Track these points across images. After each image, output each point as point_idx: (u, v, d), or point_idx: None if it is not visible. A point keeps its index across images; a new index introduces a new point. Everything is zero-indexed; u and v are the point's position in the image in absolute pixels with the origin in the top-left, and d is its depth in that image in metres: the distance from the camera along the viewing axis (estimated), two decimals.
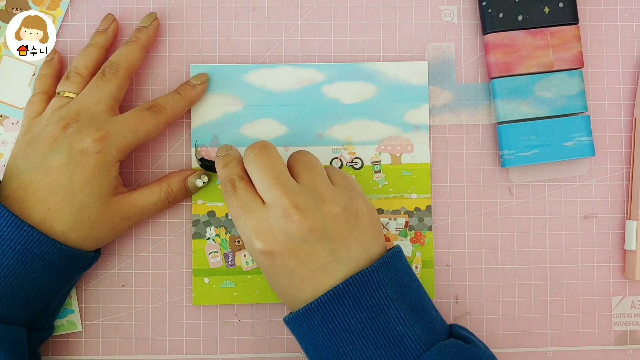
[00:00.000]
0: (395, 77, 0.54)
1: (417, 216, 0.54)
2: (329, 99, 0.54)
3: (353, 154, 0.54)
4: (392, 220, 0.54)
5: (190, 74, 0.53)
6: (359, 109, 0.54)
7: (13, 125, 0.53)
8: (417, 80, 0.54)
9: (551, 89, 0.53)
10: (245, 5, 0.55)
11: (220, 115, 0.53)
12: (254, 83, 0.53)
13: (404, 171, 0.54)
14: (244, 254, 0.53)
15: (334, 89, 0.54)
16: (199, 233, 0.53)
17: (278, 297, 0.51)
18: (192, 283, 0.53)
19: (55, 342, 0.53)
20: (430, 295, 0.53)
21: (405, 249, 0.53)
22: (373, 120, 0.54)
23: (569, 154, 0.53)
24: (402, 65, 0.54)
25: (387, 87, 0.54)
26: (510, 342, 0.54)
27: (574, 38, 0.53)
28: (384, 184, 0.54)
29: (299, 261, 0.44)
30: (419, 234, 0.54)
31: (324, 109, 0.53)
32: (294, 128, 0.53)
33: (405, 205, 0.54)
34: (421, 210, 0.54)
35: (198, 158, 0.52)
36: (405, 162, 0.54)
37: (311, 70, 0.54)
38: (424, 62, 0.54)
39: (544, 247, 0.54)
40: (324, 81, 0.54)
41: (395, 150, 0.54)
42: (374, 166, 0.54)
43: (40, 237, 0.45)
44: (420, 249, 0.53)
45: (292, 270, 0.44)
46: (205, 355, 0.53)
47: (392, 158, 0.54)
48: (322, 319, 0.43)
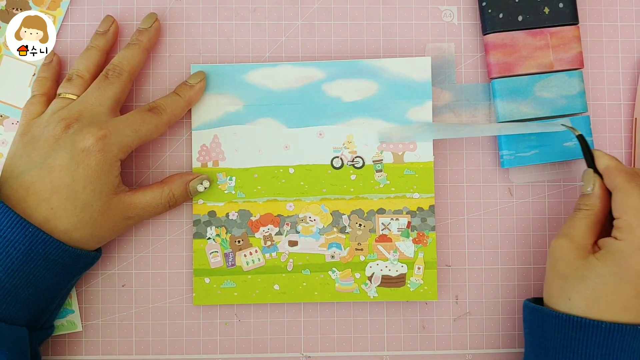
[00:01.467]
0: (397, 74, 0.53)
1: (419, 216, 0.53)
2: (329, 97, 0.53)
3: (354, 152, 0.54)
4: (394, 221, 0.53)
5: (191, 74, 0.53)
6: (360, 106, 0.53)
7: (13, 125, 0.53)
8: (420, 77, 0.53)
9: (551, 90, 0.53)
10: (245, 5, 0.55)
11: (220, 114, 0.53)
12: (254, 82, 0.53)
13: (407, 170, 0.53)
14: (244, 254, 0.53)
15: (335, 86, 0.53)
16: (199, 233, 0.53)
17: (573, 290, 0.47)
18: (193, 283, 0.53)
19: (55, 342, 0.53)
20: (434, 296, 0.53)
21: (408, 249, 0.53)
22: (375, 118, 0.53)
23: (568, 155, 0.53)
24: (404, 62, 0.53)
25: (388, 84, 0.53)
26: (510, 342, 0.54)
27: (574, 38, 0.53)
28: (385, 184, 0.54)
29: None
30: (421, 234, 0.53)
31: (325, 107, 0.53)
32: (294, 127, 0.53)
33: (407, 205, 0.53)
34: (424, 210, 0.53)
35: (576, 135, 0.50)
36: (408, 160, 0.53)
37: (311, 68, 0.54)
38: (427, 57, 0.53)
39: (544, 247, 0.54)
40: (324, 79, 0.54)
41: (397, 148, 0.54)
42: (375, 165, 0.54)
43: (45, 237, 0.45)
44: (423, 249, 0.53)
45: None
46: (205, 355, 0.53)
47: (394, 157, 0.54)
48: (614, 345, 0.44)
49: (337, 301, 0.53)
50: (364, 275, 0.53)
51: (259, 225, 0.53)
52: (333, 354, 0.54)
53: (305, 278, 0.53)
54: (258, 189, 0.53)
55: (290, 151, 0.53)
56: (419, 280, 0.53)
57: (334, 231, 0.53)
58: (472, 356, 0.54)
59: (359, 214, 0.53)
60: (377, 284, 0.53)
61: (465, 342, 0.54)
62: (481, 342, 0.54)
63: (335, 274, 0.53)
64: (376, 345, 0.54)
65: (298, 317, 0.54)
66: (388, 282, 0.53)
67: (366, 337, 0.54)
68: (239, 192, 0.53)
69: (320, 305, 0.54)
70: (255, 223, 0.53)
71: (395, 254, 0.53)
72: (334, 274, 0.53)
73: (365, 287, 0.53)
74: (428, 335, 0.54)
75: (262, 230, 0.53)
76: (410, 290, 0.53)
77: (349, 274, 0.53)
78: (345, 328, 0.54)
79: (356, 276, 0.53)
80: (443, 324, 0.54)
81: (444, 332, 0.54)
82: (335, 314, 0.54)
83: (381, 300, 0.53)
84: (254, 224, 0.53)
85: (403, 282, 0.53)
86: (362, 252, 0.53)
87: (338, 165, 0.53)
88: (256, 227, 0.53)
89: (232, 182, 0.53)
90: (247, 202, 0.53)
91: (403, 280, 0.53)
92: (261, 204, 0.53)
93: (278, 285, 0.53)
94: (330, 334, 0.54)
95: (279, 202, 0.53)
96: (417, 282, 0.53)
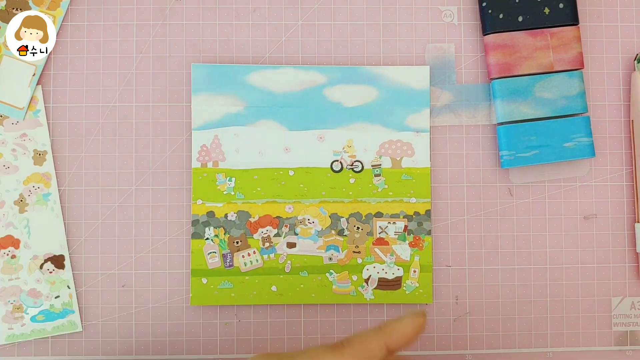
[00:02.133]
0: (397, 81, 0.54)
1: (416, 220, 0.54)
2: (330, 102, 0.54)
3: (353, 157, 0.54)
4: (391, 224, 0.54)
5: (192, 73, 0.53)
6: (360, 112, 0.54)
7: (13, 125, 0.53)
8: (419, 85, 0.54)
9: (551, 90, 0.53)
10: (245, 5, 0.55)
11: (221, 115, 0.53)
12: (255, 84, 0.53)
13: (404, 175, 0.54)
14: (242, 255, 0.53)
15: (336, 91, 0.54)
16: (197, 233, 0.53)
17: None
18: (190, 283, 0.53)
19: (55, 342, 0.53)
20: (428, 299, 0.53)
21: (404, 252, 0.53)
22: (374, 123, 0.54)
23: (569, 155, 0.53)
24: (404, 70, 0.54)
25: (388, 90, 0.54)
26: (510, 342, 0.54)
27: (574, 39, 0.53)
28: (383, 188, 0.54)
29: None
30: (417, 238, 0.54)
31: (325, 112, 0.54)
32: (294, 130, 0.53)
33: (404, 209, 0.54)
34: (420, 215, 0.54)
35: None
36: (406, 165, 0.54)
37: (313, 72, 0.54)
38: (426, 66, 0.54)
39: (544, 247, 0.54)
40: (325, 83, 0.54)
41: (395, 154, 0.54)
42: (374, 170, 0.54)
43: None
44: (418, 253, 0.53)
45: None
46: (205, 355, 0.53)
47: (393, 162, 0.54)
48: None
49: (334, 303, 0.53)
50: (360, 278, 0.53)
51: (258, 227, 0.53)
52: None
53: (302, 280, 0.53)
54: (257, 190, 0.53)
55: (290, 153, 0.53)
56: (414, 283, 0.53)
57: (332, 234, 0.53)
58: (472, 356, 0.54)
59: (357, 217, 0.53)
60: (373, 287, 0.53)
61: (465, 342, 0.54)
62: (481, 342, 0.54)
63: (332, 276, 0.53)
64: None
65: (298, 317, 0.54)
66: (384, 284, 0.53)
67: None
68: (239, 193, 0.53)
69: (320, 306, 0.54)
70: (254, 224, 0.53)
71: (392, 257, 0.53)
72: (332, 276, 0.53)
73: (362, 289, 0.53)
74: (428, 335, 0.54)
75: (261, 232, 0.53)
76: (406, 293, 0.53)
77: (346, 276, 0.53)
78: (345, 328, 0.54)
79: (353, 278, 0.53)
80: (443, 324, 0.54)
81: (443, 332, 0.54)
82: (335, 314, 0.54)
83: (377, 302, 0.53)
84: (252, 225, 0.53)
85: (399, 284, 0.53)
86: (360, 254, 0.53)
87: (337, 168, 0.54)
88: (255, 229, 0.53)
89: (232, 183, 0.53)
90: (246, 203, 0.53)
91: (399, 283, 0.53)
92: (260, 206, 0.53)
93: (275, 287, 0.53)
94: (330, 334, 0.54)
95: (278, 203, 0.53)
96: (412, 285, 0.53)
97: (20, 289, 0.53)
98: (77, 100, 0.54)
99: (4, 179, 0.53)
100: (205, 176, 0.53)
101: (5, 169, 0.53)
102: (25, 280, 0.53)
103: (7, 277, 0.53)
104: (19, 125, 0.53)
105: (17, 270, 0.53)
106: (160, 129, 0.54)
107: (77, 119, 0.54)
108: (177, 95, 0.54)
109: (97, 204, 0.53)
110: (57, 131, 0.54)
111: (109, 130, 0.54)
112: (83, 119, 0.54)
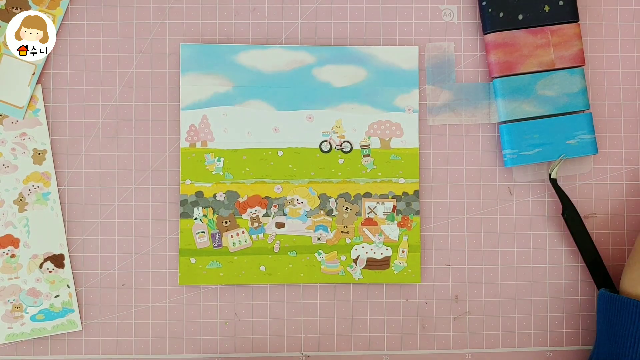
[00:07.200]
0: (385, 61, 0.54)
1: (404, 200, 0.54)
2: (319, 82, 0.54)
3: (342, 137, 0.54)
4: (380, 204, 0.54)
5: (180, 52, 0.53)
6: (349, 92, 0.54)
7: (12, 124, 0.53)
8: (408, 65, 0.54)
9: (553, 87, 0.53)
10: (245, 4, 0.55)
11: (209, 95, 0.53)
12: (244, 64, 0.53)
13: (393, 155, 0.54)
14: (231, 234, 0.53)
15: (325, 71, 0.54)
16: (186, 213, 0.53)
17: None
18: (178, 263, 0.53)
19: (55, 341, 0.53)
20: (417, 279, 0.53)
21: (393, 232, 0.53)
22: (363, 104, 0.54)
23: (572, 152, 0.53)
24: (392, 50, 0.54)
25: (377, 71, 0.54)
26: (510, 341, 0.54)
27: (575, 36, 0.53)
28: (372, 168, 0.54)
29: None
30: (406, 218, 0.54)
31: (314, 92, 0.54)
32: (283, 110, 0.53)
33: (393, 189, 0.54)
34: (409, 195, 0.54)
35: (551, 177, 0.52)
36: (395, 146, 0.54)
37: (302, 52, 0.54)
38: (415, 46, 0.54)
39: (543, 246, 0.54)
40: (314, 64, 0.54)
41: (384, 134, 0.54)
42: (362, 150, 0.54)
43: None
44: (407, 232, 0.54)
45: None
46: (205, 355, 0.54)
47: (382, 142, 0.54)
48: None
49: (322, 283, 0.53)
50: (349, 258, 0.53)
51: (247, 207, 0.53)
52: (333, 353, 0.54)
53: (291, 260, 0.53)
54: (246, 171, 0.53)
55: (279, 134, 0.53)
56: (402, 263, 0.53)
57: (321, 214, 0.53)
58: (472, 356, 0.54)
59: (345, 198, 0.54)
60: (362, 267, 0.53)
61: (465, 342, 0.54)
62: (481, 341, 0.54)
63: (321, 256, 0.53)
64: (376, 345, 0.54)
65: (298, 316, 0.54)
66: (373, 264, 0.53)
67: (366, 336, 0.54)
68: (227, 173, 0.53)
69: (321, 305, 0.54)
70: (242, 204, 0.53)
71: (381, 237, 0.53)
72: (320, 256, 0.53)
73: (350, 269, 0.53)
74: (428, 334, 0.54)
75: (250, 212, 0.53)
76: (394, 273, 0.53)
77: (335, 256, 0.53)
78: (345, 327, 0.54)
79: (342, 258, 0.53)
80: (443, 323, 0.54)
81: (443, 331, 0.54)
82: (335, 313, 0.54)
83: (366, 282, 0.53)
84: (241, 205, 0.53)
85: (387, 264, 0.53)
86: (348, 234, 0.53)
87: (326, 149, 0.54)
88: (244, 209, 0.53)
89: (221, 163, 0.53)
90: (235, 183, 0.53)
91: (387, 263, 0.53)
92: (249, 186, 0.53)
93: (264, 267, 0.53)
94: (330, 333, 0.54)
95: (267, 184, 0.53)
96: (401, 265, 0.53)
97: (20, 288, 0.53)
98: (77, 99, 0.54)
99: (4, 178, 0.53)
100: (193, 156, 0.53)
101: (5, 168, 0.53)
102: (25, 280, 0.53)
103: (6, 277, 0.53)
104: (19, 125, 0.53)
105: (16, 269, 0.53)
106: (160, 129, 0.54)
107: (76, 118, 0.54)
108: (177, 94, 0.54)
109: (97, 203, 0.53)
110: (57, 130, 0.54)
111: (109, 129, 0.54)
112: (82, 118, 0.54)
